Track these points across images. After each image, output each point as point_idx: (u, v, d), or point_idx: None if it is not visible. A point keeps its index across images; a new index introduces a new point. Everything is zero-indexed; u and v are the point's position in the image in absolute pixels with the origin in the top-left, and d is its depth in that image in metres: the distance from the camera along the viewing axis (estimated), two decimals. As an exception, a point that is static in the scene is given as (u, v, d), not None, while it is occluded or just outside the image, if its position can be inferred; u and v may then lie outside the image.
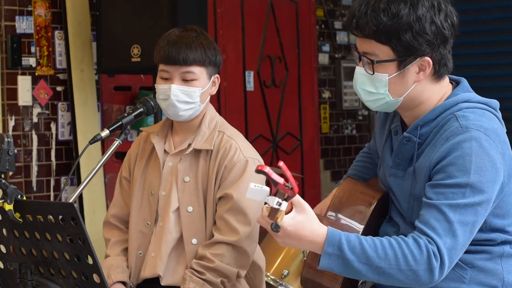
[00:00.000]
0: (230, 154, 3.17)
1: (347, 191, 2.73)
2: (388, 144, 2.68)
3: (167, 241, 3.20)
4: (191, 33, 3.21)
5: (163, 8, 4.76)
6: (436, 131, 2.51)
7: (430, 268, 2.36)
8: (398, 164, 2.61)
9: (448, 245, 2.37)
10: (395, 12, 2.44)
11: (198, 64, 3.16)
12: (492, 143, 2.43)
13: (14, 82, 5.23)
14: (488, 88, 6.64)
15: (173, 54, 3.15)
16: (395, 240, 2.39)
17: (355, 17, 2.49)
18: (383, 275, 2.38)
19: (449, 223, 2.37)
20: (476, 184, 2.39)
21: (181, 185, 3.20)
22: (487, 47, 7.20)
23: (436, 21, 2.46)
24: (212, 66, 3.21)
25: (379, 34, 2.46)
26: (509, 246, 2.56)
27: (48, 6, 5.38)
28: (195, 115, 3.23)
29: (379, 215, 2.71)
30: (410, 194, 2.57)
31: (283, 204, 2.24)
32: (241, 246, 3.13)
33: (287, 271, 3.86)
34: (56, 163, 5.42)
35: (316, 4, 7.24)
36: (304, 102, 7.11)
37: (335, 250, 2.36)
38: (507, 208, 2.53)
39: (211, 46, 3.21)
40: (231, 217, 3.13)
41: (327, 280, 2.63)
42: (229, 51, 6.49)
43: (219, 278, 3.12)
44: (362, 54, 2.52)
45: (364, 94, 2.56)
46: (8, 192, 2.57)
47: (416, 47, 2.46)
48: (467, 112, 2.48)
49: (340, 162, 7.34)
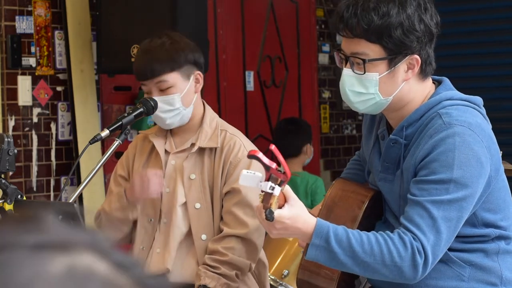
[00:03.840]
0: (235, 151, 3.21)
1: (339, 191, 2.75)
2: (376, 149, 2.70)
3: (175, 236, 3.23)
4: (156, 42, 3.24)
5: (163, 8, 4.77)
6: (420, 131, 2.53)
7: (414, 264, 2.41)
8: (387, 168, 2.63)
9: (431, 241, 2.41)
10: (385, 11, 2.48)
11: (167, 71, 3.19)
12: (477, 137, 2.45)
13: (14, 82, 5.22)
14: (482, 88, 6.64)
15: (141, 70, 3.23)
16: (381, 236, 2.43)
17: (344, 18, 2.51)
18: (368, 269, 2.43)
19: (433, 219, 2.41)
20: (459, 179, 2.41)
21: (187, 183, 3.24)
22: (482, 47, 7.20)
23: (424, 19, 2.52)
24: (187, 66, 3.23)
25: (370, 32, 2.49)
26: (504, 242, 2.58)
27: (48, 6, 5.38)
28: (186, 119, 3.27)
29: (373, 216, 2.72)
30: (399, 196, 2.59)
31: (276, 188, 2.24)
32: (251, 239, 3.17)
33: (287, 271, 3.87)
34: (56, 163, 5.42)
35: (316, 4, 7.24)
36: (304, 102, 7.11)
37: (322, 242, 2.41)
38: (497, 203, 2.55)
39: (180, 48, 3.22)
40: (239, 211, 3.17)
41: (322, 281, 2.64)
42: (229, 51, 6.49)
43: (233, 271, 3.16)
44: (350, 55, 2.54)
45: (352, 96, 2.58)
46: (8, 192, 2.57)
47: (407, 44, 2.49)
48: (450, 109, 2.51)
49: (340, 162, 7.34)
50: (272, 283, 3.80)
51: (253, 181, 2.26)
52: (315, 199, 5.64)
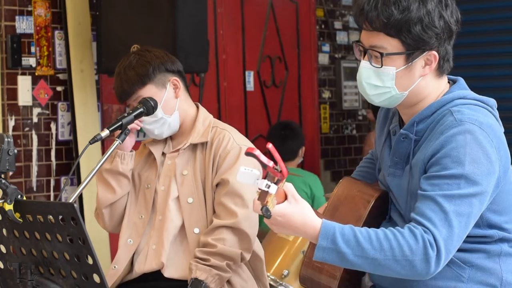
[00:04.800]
0: (224, 143, 3.27)
1: (346, 190, 2.74)
2: (387, 144, 2.70)
3: (169, 230, 3.27)
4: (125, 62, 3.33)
5: (163, 8, 4.77)
6: (432, 127, 2.53)
7: (426, 258, 2.36)
8: (396, 163, 2.62)
9: (444, 235, 2.37)
10: (406, 6, 2.47)
11: (139, 87, 3.29)
12: (487, 136, 2.44)
13: (14, 82, 5.23)
14: (488, 88, 6.64)
15: (117, 93, 3.35)
16: (390, 231, 2.39)
17: (364, 10, 2.50)
18: (379, 266, 2.38)
19: (445, 213, 2.38)
20: (470, 175, 2.40)
21: (180, 178, 3.29)
22: (487, 47, 7.20)
23: (444, 16, 2.51)
24: (159, 76, 3.31)
25: (389, 27, 2.48)
26: (507, 245, 2.56)
27: (48, 6, 5.38)
28: (175, 126, 3.34)
29: (379, 215, 2.71)
30: (407, 192, 2.58)
31: (272, 186, 2.24)
32: (241, 228, 3.20)
33: (287, 271, 3.87)
34: (56, 163, 5.42)
35: (316, 4, 7.24)
36: (304, 102, 7.11)
37: (329, 244, 2.37)
38: (504, 205, 2.54)
39: (146, 61, 3.30)
40: (229, 201, 3.21)
41: (325, 278, 2.63)
42: (229, 51, 6.49)
43: (224, 261, 3.18)
44: (368, 48, 2.53)
45: (369, 88, 2.57)
46: (8, 192, 2.56)
47: (426, 40, 2.49)
48: (462, 108, 2.50)
49: (340, 162, 7.34)
50: (272, 283, 3.80)
51: (250, 178, 2.26)
52: (315, 196, 5.70)
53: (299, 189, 5.75)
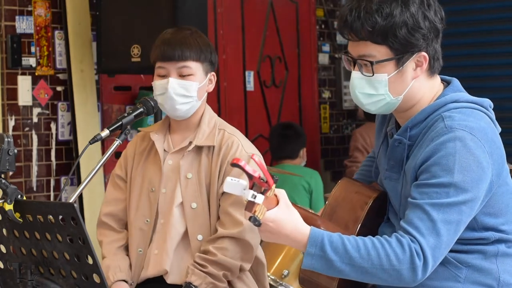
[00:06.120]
0: (233, 150, 3.20)
1: (343, 191, 2.74)
2: (384, 147, 2.70)
3: (172, 236, 3.21)
4: (186, 31, 3.28)
5: (163, 8, 4.77)
6: (424, 132, 2.53)
7: (413, 267, 2.38)
8: (392, 166, 2.63)
9: (431, 244, 2.38)
10: (388, 12, 2.47)
11: (193, 59, 3.21)
12: (478, 142, 2.44)
13: (14, 82, 5.23)
14: (488, 88, 6.64)
15: (168, 51, 3.21)
16: (378, 240, 2.41)
17: (348, 22, 2.50)
18: (366, 274, 2.41)
19: (432, 222, 2.39)
20: (459, 183, 2.40)
21: (184, 182, 3.23)
22: (487, 47, 7.20)
23: (428, 16, 2.51)
24: (208, 63, 3.26)
25: (375, 34, 2.48)
26: (504, 245, 2.56)
27: (48, 6, 5.38)
28: (192, 111, 3.25)
29: (378, 215, 2.71)
30: (401, 196, 2.58)
31: (258, 197, 2.24)
32: (244, 239, 3.16)
33: (287, 271, 3.86)
34: (56, 163, 5.42)
35: (316, 4, 7.24)
36: (304, 102, 7.11)
37: (318, 251, 2.39)
38: (499, 207, 2.53)
39: (206, 44, 3.27)
40: (235, 211, 3.16)
41: (324, 279, 2.63)
42: (229, 51, 6.49)
43: (221, 271, 3.15)
44: (357, 58, 2.53)
45: (363, 98, 2.57)
46: (8, 192, 2.56)
47: (413, 43, 2.49)
48: (454, 112, 2.50)
49: (340, 162, 7.33)
50: (272, 283, 3.80)
51: (237, 188, 2.26)
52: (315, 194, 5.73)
53: (299, 185, 5.76)
